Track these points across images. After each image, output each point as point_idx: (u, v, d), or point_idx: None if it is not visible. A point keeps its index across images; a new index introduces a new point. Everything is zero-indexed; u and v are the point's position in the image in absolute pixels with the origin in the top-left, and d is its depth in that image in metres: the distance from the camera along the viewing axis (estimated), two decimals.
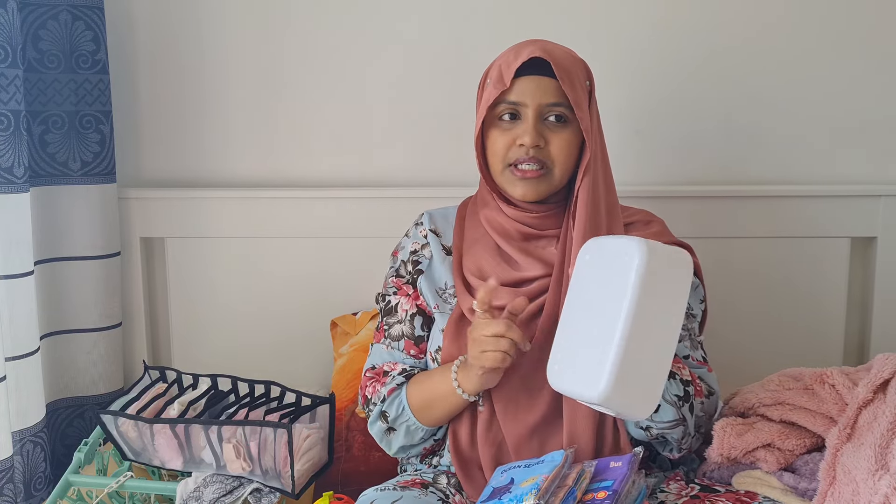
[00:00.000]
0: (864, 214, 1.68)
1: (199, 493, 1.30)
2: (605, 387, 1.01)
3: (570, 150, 1.23)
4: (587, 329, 1.07)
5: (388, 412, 1.26)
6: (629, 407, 1.04)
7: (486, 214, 1.30)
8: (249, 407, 1.36)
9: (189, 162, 1.79)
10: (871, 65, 1.69)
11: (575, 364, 1.07)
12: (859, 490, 1.03)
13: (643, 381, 1.04)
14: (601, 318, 1.04)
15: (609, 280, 1.06)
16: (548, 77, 1.20)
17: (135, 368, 1.78)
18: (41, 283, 1.61)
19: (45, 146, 1.63)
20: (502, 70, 1.22)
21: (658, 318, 1.04)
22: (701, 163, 1.73)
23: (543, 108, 1.21)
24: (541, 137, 1.21)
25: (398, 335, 1.31)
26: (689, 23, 1.69)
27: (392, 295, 1.33)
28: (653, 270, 1.02)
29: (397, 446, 1.29)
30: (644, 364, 1.03)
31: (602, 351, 1.02)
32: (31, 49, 1.59)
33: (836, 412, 1.19)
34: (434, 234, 1.35)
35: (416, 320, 1.31)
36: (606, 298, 1.05)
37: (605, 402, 1.02)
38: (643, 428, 1.20)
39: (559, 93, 1.21)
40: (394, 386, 1.27)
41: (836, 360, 1.70)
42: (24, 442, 1.51)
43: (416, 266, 1.33)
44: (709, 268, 1.54)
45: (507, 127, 1.23)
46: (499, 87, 1.21)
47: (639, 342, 1.02)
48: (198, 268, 1.77)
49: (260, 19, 1.74)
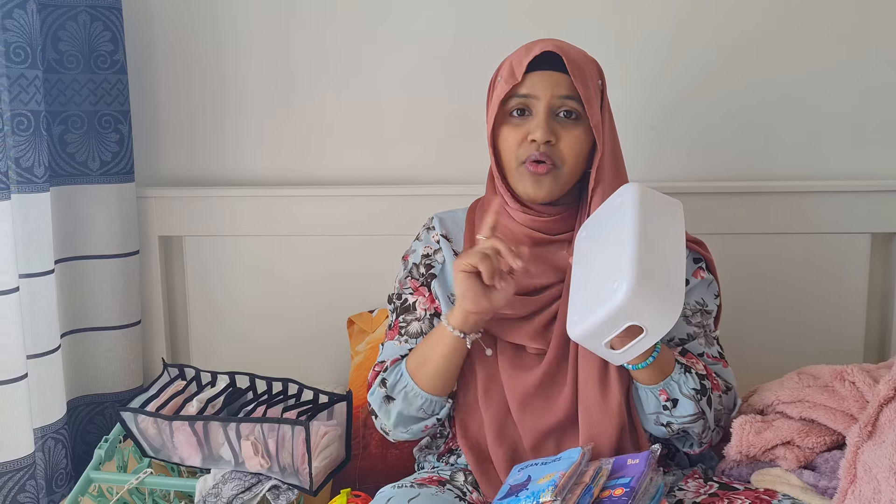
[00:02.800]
0: (885, 210, 1.66)
1: (217, 490, 1.30)
2: (630, 282, 1.01)
3: (581, 149, 1.21)
4: (598, 270, 1.10)
5: (387, 378, 1.25)
6: (656, 307, 1.03)
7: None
8: (267, 404, 1.37)
9: (206, 161, 1.81)
10: (889, 58, 1.67)
11: (593, 298, 1.07)
12: (881, 488, 1.02)
13: (663, 282, 1.05)
14: (609, 251, 1.09)
15: (608, 228, 1.12)
16: (560, 72, 1.20)
17: (154, 366, 1.79)
18: (61, 282, 1.63)
19: (64, 146, 1.64)
20: (514, 66, 1.21)
21: (662, 234, 1.10)
22: (720, 159, 1.72)
23: (555, 102, 1.20)
24: (552, 133, 1.19)
25: (417, 332, 1.30)
26: (705, 19, 1.68)
27: (409, 294, 1.33)
28: (646, 195, 1.12)
29: (395, 414, 1.25)
30: (659, 269, 1.05)
31: (618, 264, 1.04)
32: (51, 50, 1.61)
33: (856, 410, 1.18)
34: (445, 239, 1.33)
35: (436, 321, 1.30)
36: (610, 238, 1.10)
37: (633, 300, 1.01)
38: (664, 424, 1.19)
39: (571, 87, 1.20)
40: (398, 357, 1.27)
41: (857, 357, 1.69)
42: (45, 439, 1.53)
43: (430, 270, 1.32)
44: (729, 264, 1.53)
45: (517, 123, 1.22)
46: (510, 81, 1.20)
47: (650, 247, 1.06)
48: (216, 266, 1.78)
49: (275, 19, 1.75)
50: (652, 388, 1.17)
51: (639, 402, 1.20)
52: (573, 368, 1.21)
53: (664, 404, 1.18)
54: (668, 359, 1.17)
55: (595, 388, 1.18)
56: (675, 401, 1.17)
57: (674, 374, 1.17)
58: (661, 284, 1.04)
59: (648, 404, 1.19)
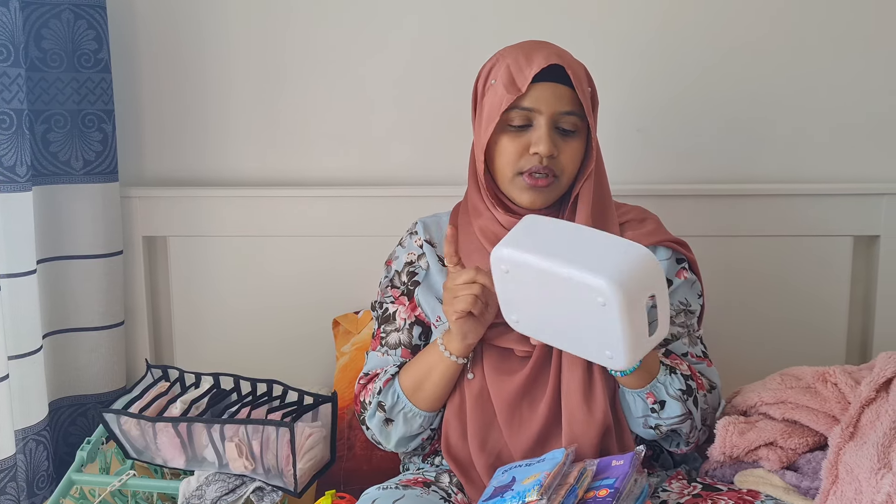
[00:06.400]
0: (867, 213, 1.68)
1: (201, 492, 1.30)
2: (612, 289, 0.97)
3: (578, 160, 1.23)
4: (566, 311, 1.05)
5: (384, 402, 1.25)
6: (639, 275, 1.00)
7: (479, 225, 1.27)
8: (252, 406, 1.36)
9: (191, 161, 1.80)
10: (874, 62, 1.68)
11: (595, 333, 1.03)
12: (862, 489, 1.03)
13: (620, 260, 1.01)
14: (550, 294, 1.03)
15: (529, 279, 1.05)
16: (562, 84, 1.19)
17: (137, 367, 1.78)
18: (44, 282, 1.61)
19: (47, 145, 1.63)
20: (514, 74, 1.20)
21: (574, 241, 1.05)
22: (704, 161, 1.73)
23: (557, 117, 1.19)
24: (555, 147, 1.19)
25: (395, 343, 1.30)
26: (692, 21, 1.69)
27: (390, 303, 1.32)
28: (630, 295, 0.99)
29: (396, 437, 1.27)
30: (607, 257, 1.01)
31: (584, 286, 0.99)
32: (34, 48, 1.59)
33: (838, 411, 1.19)
34: (429, 244, 1.33)
35: (415, 329, 1.30)
36: (540, 287, 1.04)
37: (626, 293, 0.97)
38: (652, 427, 1.20)
39: (574, 101, 1.20)
40: (388, 377, 1.27)
41: (839, 359, 1.70)
42: (26, 440, 1.52)
43: (413, 277, 1.32)
44: (712, 266, 1.54)
45: (516, 133, 1.21)
46: (513, 91, 1.18)
47: (581, 254, 1.01)
48: (200, 266, 1.77)
49: (262, 18, 1.74)
50: (639, 391, 1.18)
51: (626, 406, 1.21)
52: (556, 369, 1.21)
53: (651, 407, 1.18)
54: (654, 360, 1.18)
55: (578, 391, 1.18)
56: (662, 403, 1.18)
57: (659, 376, 1.17)
58: (620, 264, 1.00)
59: (636, 408, 1.19)
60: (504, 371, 1.23)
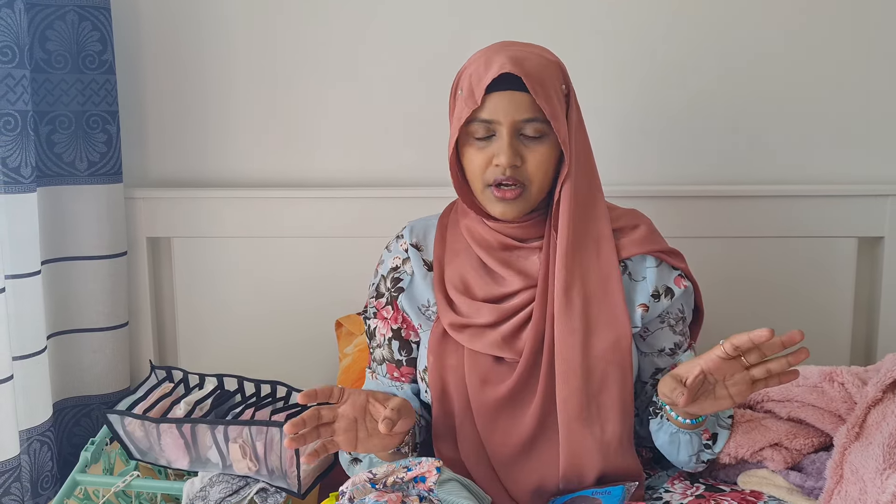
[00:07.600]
0: (872, 214, 1.67)
1: (205, 493, 1.30)
2: None
3: (548, 166, 1.16)
4: None
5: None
6: None
7: (466, 224, 1.25)
8: (255, 407, 1.36)
9: (195, 162, 1.80)
10: (878, 64, 1.68)
11: None
12: (867, 489, 1.03)
13: None
14: None
15: None
16: (521, 91, 1.13)
17: (141, 368, 1.78)
18: (48, 283, 1.61)
19: (52, 146, 1.63)
20: (473, 85, 1.15)
21: None
22: (707, 162, 1.72)
23: (518, 125, 1.14)
24: (517, 156, 1.14)
25: (381, 359, 1.30)
26: (698, 23, 1.69)
27: (371, 318, 1.31)
28: None
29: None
30: None
31: None
32: (39, 49, 1.60)
33: (844, 411, 1.19)
34: (415, 248, 1.29)
35: (394, 344, 1.29)
36: None
37: None
38: (703, 461, 1.20)
39: (534, 107, 1.13)
40: None
41: (843, 361, 1.70)
42: (31, 441, 1.52)
43: (397, 284, 1.29)
44: (716, 268, 1.54)
45: (481, 145, 1.16)
46: (470, 104, 1.14)
47: None
48: (204, 267, 1.78)
49: (265, 20, 1.74)
50: (696, 430, 1.16)
51: (676, 447, 1.18)
52: (546, 376, 1.18)
53: (706, 442, 1.18)
54: None
55: (577, 403, 1.15)
56: (714, 436, 1.18)
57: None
58: None
59: (692, 446, 1.17)
60: (487, 381, 1.20)
